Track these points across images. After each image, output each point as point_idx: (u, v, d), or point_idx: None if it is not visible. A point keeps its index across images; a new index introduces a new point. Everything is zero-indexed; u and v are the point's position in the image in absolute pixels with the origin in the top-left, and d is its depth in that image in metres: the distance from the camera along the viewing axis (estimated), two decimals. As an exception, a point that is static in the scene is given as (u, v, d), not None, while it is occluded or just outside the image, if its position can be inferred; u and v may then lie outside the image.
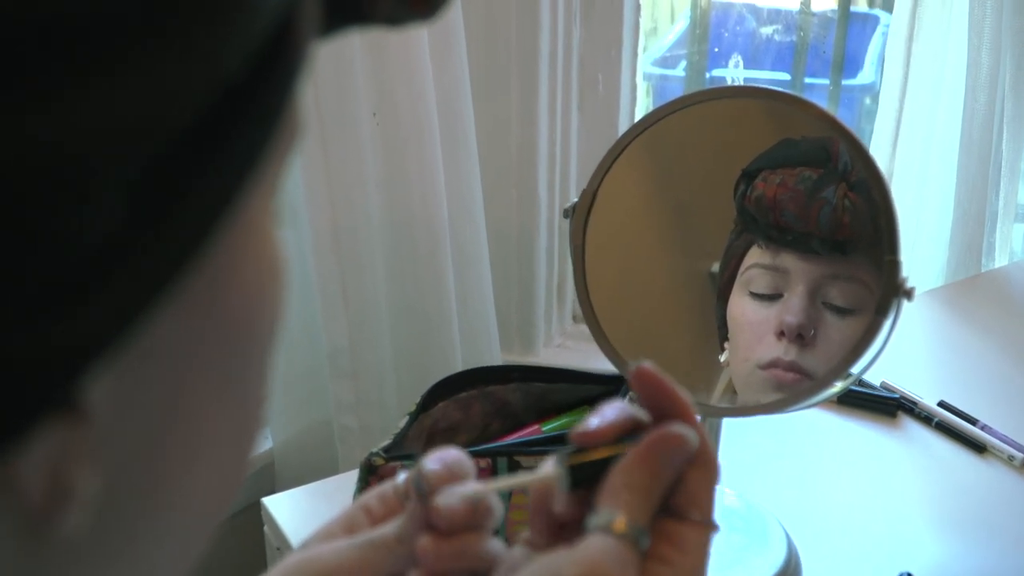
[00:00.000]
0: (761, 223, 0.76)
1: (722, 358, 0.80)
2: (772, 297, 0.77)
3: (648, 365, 0.41)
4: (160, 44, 0.19)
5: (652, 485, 0.38)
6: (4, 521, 0.21)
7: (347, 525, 0.45)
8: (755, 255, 0.78)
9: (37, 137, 0.18)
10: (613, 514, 0.37)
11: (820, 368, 0.75)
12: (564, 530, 0.41)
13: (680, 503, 0.39)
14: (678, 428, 0.39)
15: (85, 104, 0.18)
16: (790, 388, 0.76)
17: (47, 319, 0.19)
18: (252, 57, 0.21)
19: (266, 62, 0.22)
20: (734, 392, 0.80)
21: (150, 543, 0.26)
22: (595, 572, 0.36)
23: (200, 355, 0.25)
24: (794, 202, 0.74)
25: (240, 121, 0.22)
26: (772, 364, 0.76)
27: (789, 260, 0.76)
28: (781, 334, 0.76)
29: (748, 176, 0.76)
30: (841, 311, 0.76)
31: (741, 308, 0.79)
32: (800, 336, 0.75)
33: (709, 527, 0.39)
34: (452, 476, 0.42)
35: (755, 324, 0.78)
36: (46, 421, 0.20)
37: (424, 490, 0.42)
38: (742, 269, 0.78)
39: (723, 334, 0.80)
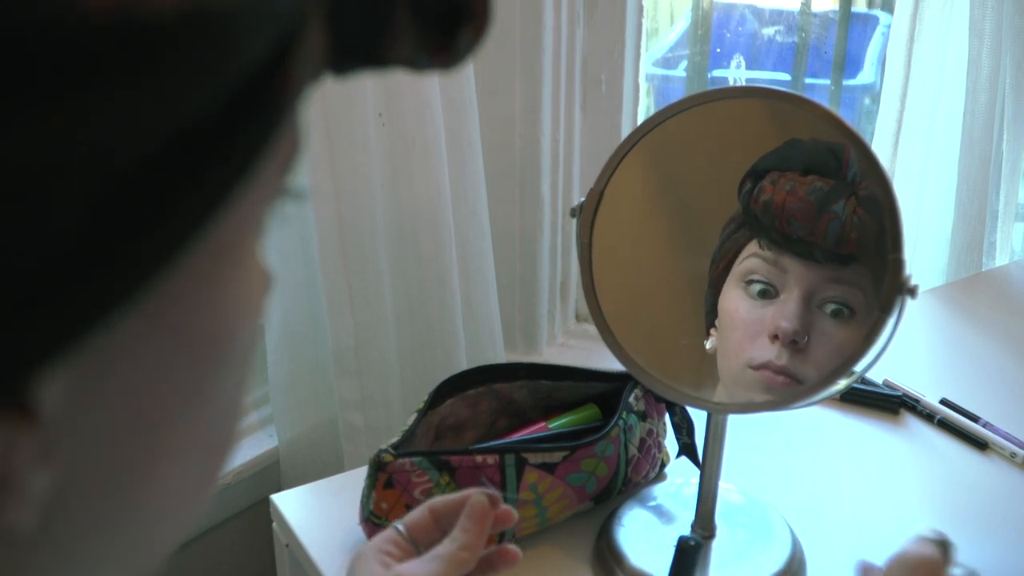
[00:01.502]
0: (765, 225, 0.77)
1: (708, 344, 0.81)
2: (768, 296, 0.78)
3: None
4: (125, 79, 0.20)
5: None
6: None
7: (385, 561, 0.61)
8: (754, 248, 0.78)
9: None
10: None
11: (811, 374, 0.75)
12: None
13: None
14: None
15: (49, 124, 0.19)
16: (779, 391, 0.77)
17: None
18: (230, 99, 0.22)
19: (247, 103, 0.22)
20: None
21: (105, 544, 0.26)
22: None
23: (164, 369, 0.25)
24: (803, 213, 0.75)
25: (210, 158, 0.22)
26: (764, 366, 0.77)
27: (789, 263, 0.77)
28: (775, 337, 0.77)
29: (755, 175, 0.77)
30: (836, 317, 0.76)
31: (735, 304, 0.79)
32: (793, 342, 0.76)
33: None
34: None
35: (749, 323, 0.78)
36: None
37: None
38: (739, 260, 0.79)
39: (710, 321, 0.81)
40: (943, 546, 0.65)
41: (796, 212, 0.75)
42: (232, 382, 0.28)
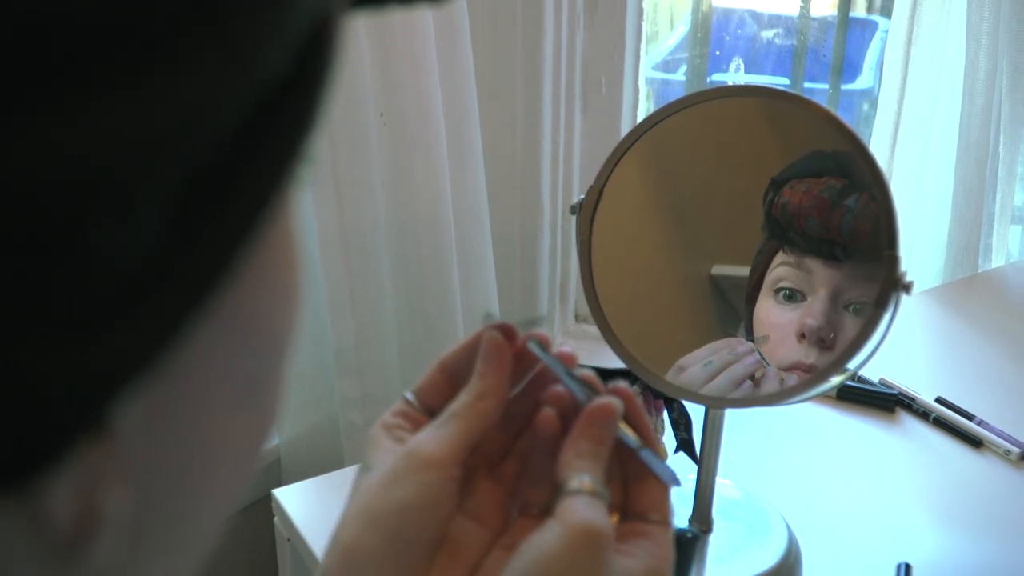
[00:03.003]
0: (786, 230, 0.78)
1: None
2: (795, 300, 0.79)
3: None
4: (195, 48, 0.18)
5: (598, 450, 0.44)
6: (34, 550, 0.20)
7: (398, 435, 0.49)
8: (781, 256, 0.80)
9: (66, 150, 0.16)
10: (579, 477, 0.42)
11: None
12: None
13: (642, 508, 0.46)
14: (604, 399, 0.45)
15: (117, 114, 0.17)
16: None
17: (80, 343, 0.18)
18: (293, 53, 0.20)
19: (306, 56, 0.20)
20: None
21: (175, 554, 0.25)
22: (585, 525, 0.40)
23: (225, 365, 0.23)
24: (818, 209, 0.76)
25: (279, 120, 0.20)
26: (794, 367, 0.78)
27: (812, 264, 0.78)
28: (802, 336, 0.78)
29: (776, 184, 0.79)
30: (861, 314, 0.77)
31: (766, 312, 0.81)
32: (821, 339, 0.77)
33: (667, 525, 0.45)
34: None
35: (778, 326, 0.80)
36: (77, 446, 0.19)
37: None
38: (769, 270, 0.81)
39: (750, 338, 0.82)
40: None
41: (812, 210, 0.76)
42: (278, 364, 0.26)
